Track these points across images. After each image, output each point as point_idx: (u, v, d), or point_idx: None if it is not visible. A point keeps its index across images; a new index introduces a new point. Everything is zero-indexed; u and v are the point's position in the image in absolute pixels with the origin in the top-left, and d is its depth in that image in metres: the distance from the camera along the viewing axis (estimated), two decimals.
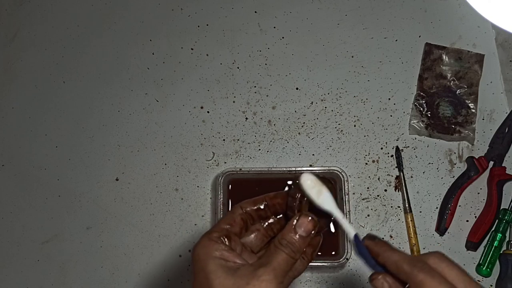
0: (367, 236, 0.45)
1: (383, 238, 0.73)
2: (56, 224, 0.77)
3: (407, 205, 0.74)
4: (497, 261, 0.72)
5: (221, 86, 0.81)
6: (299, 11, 0.83)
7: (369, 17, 0.82)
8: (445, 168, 0.76)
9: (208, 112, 0.80)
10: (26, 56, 0.84)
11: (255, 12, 0.84)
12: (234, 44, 0.82)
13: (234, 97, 0.80)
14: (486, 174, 0.75)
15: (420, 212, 0.75)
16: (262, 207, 0.47)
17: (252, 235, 0.48)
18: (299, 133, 0.78)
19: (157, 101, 0.81)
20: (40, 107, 0.82)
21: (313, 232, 0.43)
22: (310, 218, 0.43)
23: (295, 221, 0.43)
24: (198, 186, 0.77)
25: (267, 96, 0.80)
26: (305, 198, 0.45)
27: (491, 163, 0.75)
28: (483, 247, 0.73)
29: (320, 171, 0.72)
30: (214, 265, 0.41)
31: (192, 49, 0.83)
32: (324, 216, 0.46)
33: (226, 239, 0.43)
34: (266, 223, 0.48)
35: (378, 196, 0.76)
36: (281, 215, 0.49)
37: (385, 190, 0.76)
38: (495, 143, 0.76)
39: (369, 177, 0.76)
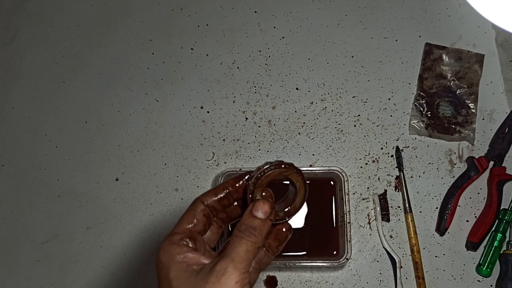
0: None
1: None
2: (56, 224, 0.77)
3: (407, 205, 0.74)
4: (497, 261, 0.72)
5: (221, 86, 0.81)
6: (299, 11, 0.83)
7: (369, 17, 0.82)
8: (445, 168, 0.76)
9: (208, 112, 0.80)
10: (26, 56, 0.84)
11: (255, 12, 0.84)
12: (234, 44, 0.82)
13: (234, 97, 0.80)
14: (486, 174, 0.75)
15: (420, 212, 0.75)
16: (223, 195, 0.44)
17: (208, 231, 0.45)
18: (299, 133, 0.79)
19: (157, 101, 0.81)
20: (40, 107, 0.82)
21: (271, 214, 0.41)
22: (264, 200, 0.42)
23: (251, 206, 0.41)
24: (198, 186, 0.77)
25: (267, 96, 0.80)
26: (258, 183, 0.43)
27: (491, 163, 0.75)
28: (483, 247, 0.73)
29: (320, 171, 0.72)
30: (176, 271, 0.38)
31: (192, 49, 0.83)
32: (282, 201, 0.45)
33: (189, 241, 0.41)
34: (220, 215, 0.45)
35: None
36: (235, 203, 0.46)
37: (385, 190, 0.75)
38: (495, 143, 0.76)
39: (369, 177, 0.76)
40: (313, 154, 0.78)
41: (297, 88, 0.80)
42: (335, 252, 0.71)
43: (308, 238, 0.71)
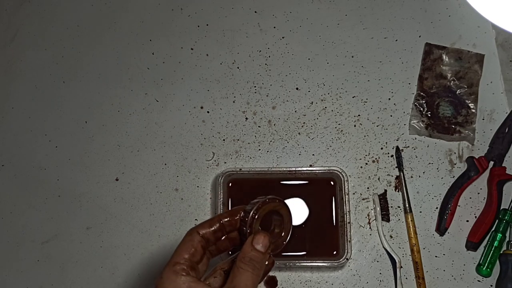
0: None
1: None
2: (56, 224, 0.77)
3: (407, 205, 0.74)
4: (497, 261, 0.72)
5: (221, 86, 0.81)
6: (299, 11, 0.83)
7: (369, 17, 0.82)
8: (445, 168, 0.76)
9: (208, 112, 0.80)
10: (26, 56, 0.84)
11: (255, 12, 0.84)
12: (234, 44, 0.82)
13: (234, 97, 0.80)
14: (486, 174, 0.75)
15: (420, 212, 0.75)
16: (217, 227, 0.45)
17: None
18: (299, 133, 0.79)
19: (157, 101, 0.81)
20: (40, 107, 0.82)
21: (269, 248, 0.43)
22: (265, 234, 0.43)
23: (251, 238, 0.43)
24: (198, 186, 0.77)
25: (267, 96, 0.80)
26: (257, 216, 0.45)
27: (491, 163, 0.75)
28: (483, 247, 0.73)
29: (320, 171, 0.72)
30: None
31: (192, 49, 0.83)
32: (274, 236, 0.47)
33: (190, 271, 0.42)
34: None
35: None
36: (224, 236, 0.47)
37: (385, 190, 0.75)
38: (495, 143, 0.76)
39: (369, 177, 0.76)
40: (313, 154, 0.78)
41: (297, 88, 0.80)
42: (335, 252, 0.71)
43: (308, 238, 0.72)
